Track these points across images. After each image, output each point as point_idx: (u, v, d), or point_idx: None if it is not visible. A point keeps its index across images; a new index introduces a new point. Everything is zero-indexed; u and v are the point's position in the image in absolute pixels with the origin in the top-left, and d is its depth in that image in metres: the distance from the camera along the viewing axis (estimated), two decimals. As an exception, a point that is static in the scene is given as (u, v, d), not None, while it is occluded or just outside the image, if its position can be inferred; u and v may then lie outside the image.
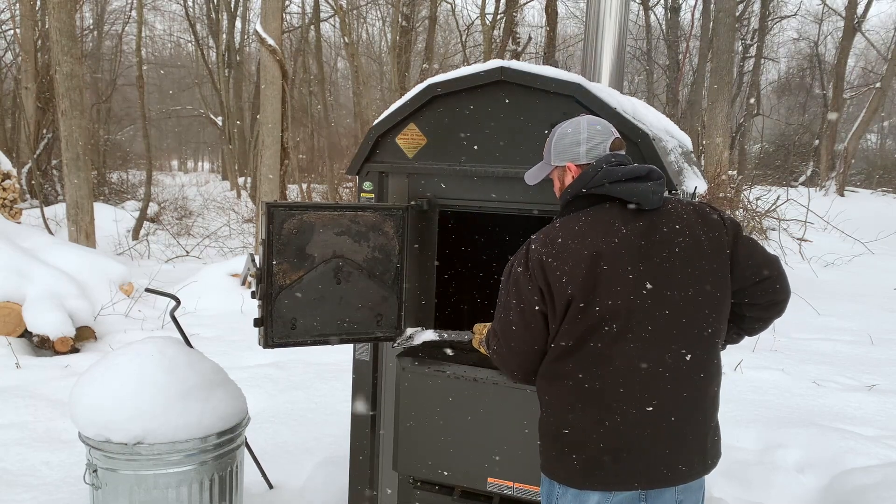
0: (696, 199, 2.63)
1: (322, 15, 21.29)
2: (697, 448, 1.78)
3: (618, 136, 1.88)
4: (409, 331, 2.60)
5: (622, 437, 1.71)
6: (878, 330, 7.60)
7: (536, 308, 1.75)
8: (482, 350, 2.21)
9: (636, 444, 1.72)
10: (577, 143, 1.85)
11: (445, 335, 2.50)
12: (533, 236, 1.81)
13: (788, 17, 25.76)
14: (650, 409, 1.71)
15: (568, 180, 1.88)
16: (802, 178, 22.08)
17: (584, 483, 1.74)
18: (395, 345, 2.63)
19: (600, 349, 1.70)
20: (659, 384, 1.72)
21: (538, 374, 1.84)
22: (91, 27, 23.61)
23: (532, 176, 2.01)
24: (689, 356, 1.74)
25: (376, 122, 2.71)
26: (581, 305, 1.69)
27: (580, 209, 1.80)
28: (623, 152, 1.86)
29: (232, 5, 25.44)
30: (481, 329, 2.27)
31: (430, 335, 2.54)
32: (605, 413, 1.71)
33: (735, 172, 15.34)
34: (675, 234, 1.75)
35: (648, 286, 1.70)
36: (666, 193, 1.83)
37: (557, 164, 1.90)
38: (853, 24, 21.88)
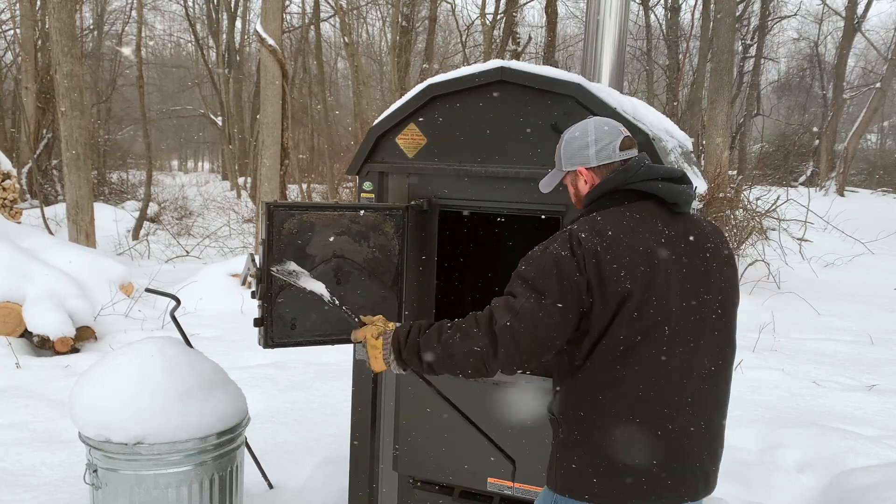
0: (696, 200, 2.63)
1: (322, 15, 21.31)
2: (720, 454, 1.79)
3: (627, 134, 1.83)
4: None
5: (674, 447, 1.66)
6: (878, 330, 7.60)
7: (581, 296, 1.62)
8: (375, 343, 1.93)
9: (684, 454, 1.67)
10: (585, 146, 1.82)
11: None
12: (573, 225, 1.70)
13: (788, 17, 25.79)
14: (695, 415, 1.68)
15: (580, 184, 1.85)
16: (802, 178, 22.09)
17: (627, 499, 1.65)
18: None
19: (654, 354, 1.62)
20: (702, 391, 1.69)
21: (569, 388, 1.72)
22: (91, 27, 23.62)
23: (546, 184, 1.97)
24: (721, 361, 1.74)
25: (376, 122, 2.71)
26: (638, 304, 1.60)
27: (618, 204, 1.73)
28: (635, 151, 1.83)
29: (232, 5, 25.46)
30: (373, 321, 2.01)
31: None
32: (661, 422, 1.64)
33: (735, 172, 15.35)
34: (703, 239, 1.74)
35: (691, 289, 1.67)
36: None
37: (569, 170, 1.87)
38: (853, 24, 21.91)
